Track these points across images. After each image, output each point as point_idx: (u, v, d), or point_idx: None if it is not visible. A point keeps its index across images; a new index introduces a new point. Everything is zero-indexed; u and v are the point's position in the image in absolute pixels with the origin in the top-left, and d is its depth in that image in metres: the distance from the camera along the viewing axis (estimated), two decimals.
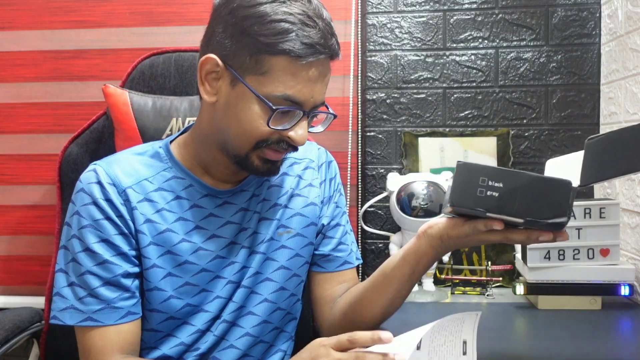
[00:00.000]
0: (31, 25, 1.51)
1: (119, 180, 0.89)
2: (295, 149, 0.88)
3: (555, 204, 0.72)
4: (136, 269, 0.89)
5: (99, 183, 0.88)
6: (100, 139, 1.25)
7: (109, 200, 0.87)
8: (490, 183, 0.73)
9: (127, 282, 0.87)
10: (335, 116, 0.91)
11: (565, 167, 0.86)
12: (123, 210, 0.88)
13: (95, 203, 0.87)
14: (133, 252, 0.89)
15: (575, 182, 0.74)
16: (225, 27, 0.84)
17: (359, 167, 1.48)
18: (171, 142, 0.97)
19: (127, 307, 0.87)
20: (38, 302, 1.33)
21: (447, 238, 0.82)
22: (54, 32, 1.51)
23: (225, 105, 0.86)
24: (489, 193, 0.73)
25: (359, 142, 1.49)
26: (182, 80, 1.30)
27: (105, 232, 0.87)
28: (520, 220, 0.73)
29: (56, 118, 1.51)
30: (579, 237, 1.14)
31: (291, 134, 0.85)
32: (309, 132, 0.87)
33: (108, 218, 0.87)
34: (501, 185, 0.73)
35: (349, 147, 1.47)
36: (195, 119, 1.19)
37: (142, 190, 0.90)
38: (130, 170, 0.91)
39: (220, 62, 0.84)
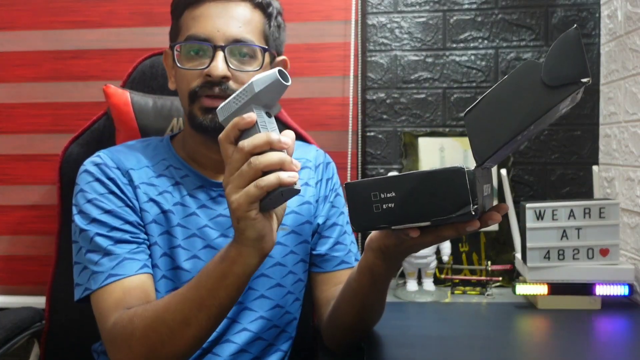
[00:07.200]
0: (31, 26, 1.51)
1: (123, 163, 0.93)
2: (225, 92, 0.89)
3: (455, 195, 0.64)
4: (144, 236, 0.91)
5: (104, 164, 0.92)
6: (101, 139, 1.25)
7: (112, 179, 0.91)
8: (382, 195, 0.68)
9: (139, 240, 0.89)
10: (265, 49, 0.93)
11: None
12: (127, 189, 0.91)
13: (99, 180, 0.91)
14: (141, 223, 0.91)
15: (473, 165, 0.67)
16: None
17: (359, 167, 1.48)
18: (172, 138, 1.03)
19: (143, 260, 0.88)
20: (38, 302, 1.33)
21: (385, 249, 0.77)
22: (54, 32, 1.51)
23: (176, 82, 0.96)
24: (384, 206, 0.68)
25: (359, 142, 1.49)
26: None
27: (109, 205, 0.89)
28: (428, 223, 0.66)
29: (56, 118, 1.51)
30: (578, 237, 1.15)
31: (207, 69, 0.89)
32: (247, 71, 0.91)
33: (112, 192, 0.90)
34: (393, 194, 0.67)
35: (349, 147, 1.47)
36: None
37: (144, 175, 0.94)
38: (133, 157, 0.96)
39: (168, 50, 0.97)
